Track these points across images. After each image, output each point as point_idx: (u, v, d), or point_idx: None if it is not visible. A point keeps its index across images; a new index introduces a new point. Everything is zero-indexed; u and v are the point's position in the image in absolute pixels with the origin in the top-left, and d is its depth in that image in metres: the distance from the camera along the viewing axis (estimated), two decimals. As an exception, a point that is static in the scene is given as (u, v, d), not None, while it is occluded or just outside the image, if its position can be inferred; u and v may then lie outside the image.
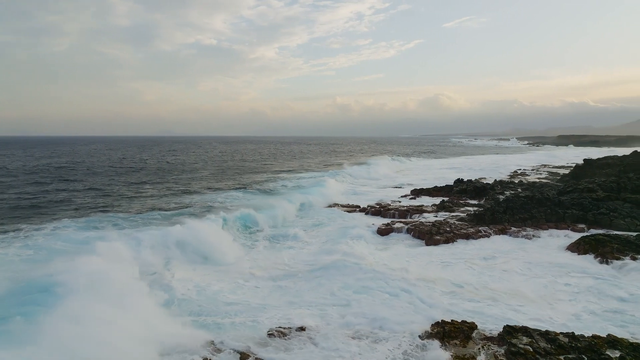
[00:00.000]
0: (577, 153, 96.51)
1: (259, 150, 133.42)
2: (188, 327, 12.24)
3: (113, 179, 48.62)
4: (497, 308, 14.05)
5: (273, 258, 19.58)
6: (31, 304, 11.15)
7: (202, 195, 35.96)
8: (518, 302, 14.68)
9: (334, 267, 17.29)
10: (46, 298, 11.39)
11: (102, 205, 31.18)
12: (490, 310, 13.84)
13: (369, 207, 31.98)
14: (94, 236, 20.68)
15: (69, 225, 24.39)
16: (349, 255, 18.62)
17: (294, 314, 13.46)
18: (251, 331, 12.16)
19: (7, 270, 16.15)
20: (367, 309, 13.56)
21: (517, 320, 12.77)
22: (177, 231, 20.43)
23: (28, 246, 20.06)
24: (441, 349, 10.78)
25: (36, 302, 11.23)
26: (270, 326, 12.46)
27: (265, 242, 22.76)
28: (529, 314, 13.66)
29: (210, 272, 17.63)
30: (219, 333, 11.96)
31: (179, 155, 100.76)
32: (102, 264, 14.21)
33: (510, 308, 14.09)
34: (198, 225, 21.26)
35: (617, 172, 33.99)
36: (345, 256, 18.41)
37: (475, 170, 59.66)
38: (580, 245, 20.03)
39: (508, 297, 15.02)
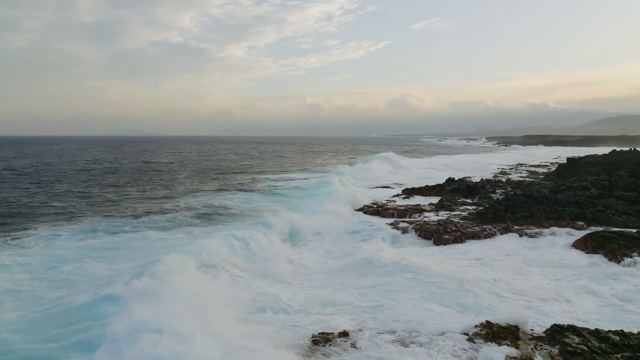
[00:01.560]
0: (548, 152, 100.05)
1: (235, 150, 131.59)
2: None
3: (93, 180, 46.60)
4: (527, 307, 14.08)
5: (297, 259, 19.08)
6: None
7: (198, 198, 34.76)
8: (544, 301, 14.76)
9: (358, 266, 17.00)
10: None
11: (108, 208, 29.74)
12: (524, 308, 13.84)
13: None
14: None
15: (73, 231, 23.18)
16: (371, 254, 18.37)
17: (328, 317, 13.04)
18: (294, 337, 11.67)
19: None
20: (401, 310, 13.30)
21: (551, 320, 12.81)
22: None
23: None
24: (495, 351, 10.63)
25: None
26: (309, 331, 12.02)
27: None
28: (559, 313, 13.73)
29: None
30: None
31: (153, 155, 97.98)
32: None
33: (540, 307, 14.10)
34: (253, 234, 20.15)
35: (601, 171, 35.21)
36: (367, 255, 18.15)
37: (458, 169, 60.62)
38: (587, 242, 20.46)
39: (533, 296, 15.10)
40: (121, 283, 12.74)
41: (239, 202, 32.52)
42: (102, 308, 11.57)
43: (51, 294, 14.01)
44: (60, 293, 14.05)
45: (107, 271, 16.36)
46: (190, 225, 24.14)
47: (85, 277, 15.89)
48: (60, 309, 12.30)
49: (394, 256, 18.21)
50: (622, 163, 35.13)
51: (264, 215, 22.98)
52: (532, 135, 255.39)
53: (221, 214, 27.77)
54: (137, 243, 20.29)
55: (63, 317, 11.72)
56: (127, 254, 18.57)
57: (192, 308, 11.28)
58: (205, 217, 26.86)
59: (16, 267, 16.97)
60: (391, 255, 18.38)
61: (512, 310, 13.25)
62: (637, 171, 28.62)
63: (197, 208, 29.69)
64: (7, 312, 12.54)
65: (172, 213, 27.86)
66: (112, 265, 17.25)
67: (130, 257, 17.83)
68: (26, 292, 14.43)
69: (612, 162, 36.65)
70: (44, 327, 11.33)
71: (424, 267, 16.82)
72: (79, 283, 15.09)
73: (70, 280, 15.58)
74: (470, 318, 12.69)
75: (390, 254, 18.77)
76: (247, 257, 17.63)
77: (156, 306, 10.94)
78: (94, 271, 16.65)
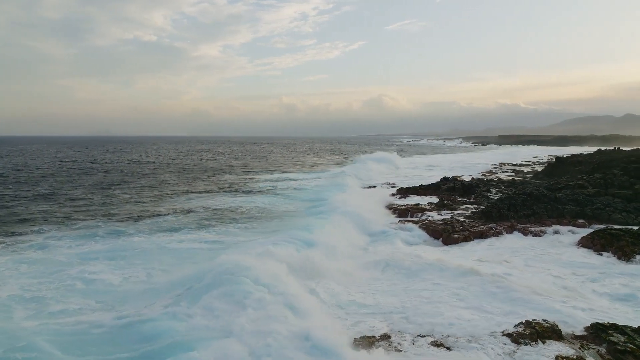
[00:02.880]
0: (527, 152, 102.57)
1: (216, 150, 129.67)
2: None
3: (75, 182, 44.88)
4: (553, 305, 14.11)
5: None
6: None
7: (195, 199, 33.81)
8: (566, 299, 14.85)
9: (381, 266, 16.78)
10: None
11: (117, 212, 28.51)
12: (549, 308, 13.87)
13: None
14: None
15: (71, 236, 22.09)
16: (391, 253, 18.18)
17: (365, 318, 12.80)
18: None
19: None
20: (435, 311, 13.13)
21: (577, 318, 12.86)
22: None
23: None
24: (544, 350, 10.55)
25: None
26: (351, 333, 11.71)
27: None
28: (582, 311, 13.74)
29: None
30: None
31: (132, 155, 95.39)
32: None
33: (564, 305, 14.17)
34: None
35: (591, 169, 36.10)
36: (387, 255, 17.95)
37: (445, 169, 61.24)
38: (595, 240, 20.78)
39: (556, 294, 15.17)
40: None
41: (242, 203, 31.60)
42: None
43: (69, 303, 13.19)
44: (77, 301, 13.26)
45: (120, 277, 15.58)
46: (201, 228, 23.30)
47: (97, 283, 15.10)
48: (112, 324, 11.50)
49: (416, 255, 18.08)
50: (611, 162, 36.11)
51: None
52: (507, 135, 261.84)
53: (231, 216, 26.94)
54: (145, 245, 19.47)
55: (124, 334, 10.92)
56: (137, 258, 17.79)
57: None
58: (214, 218, 26.13)
59: (18, 275, 16.02)
60: (412, 254, 18.24)
61: (547, 309, 13.29)
62: (631, 170, 29.44)
63: (198, 209, 28.88)
64: (25, 320, 11.75)
65: (174, 215, 27.00)
66: (123, 271, 16.47)
67: (144, 261, 17.08)
68: (35, 299, 13.54)
69: (600, 160, 37.67)
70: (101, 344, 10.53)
71: (447, 265, 16.75)
72: (93, 292, 14.32)
73: (81, 287, 14.76)
74: (505, 317, 12.62)
75: (409, 253, 18.62)
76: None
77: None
78: (104, 277, 15.84)
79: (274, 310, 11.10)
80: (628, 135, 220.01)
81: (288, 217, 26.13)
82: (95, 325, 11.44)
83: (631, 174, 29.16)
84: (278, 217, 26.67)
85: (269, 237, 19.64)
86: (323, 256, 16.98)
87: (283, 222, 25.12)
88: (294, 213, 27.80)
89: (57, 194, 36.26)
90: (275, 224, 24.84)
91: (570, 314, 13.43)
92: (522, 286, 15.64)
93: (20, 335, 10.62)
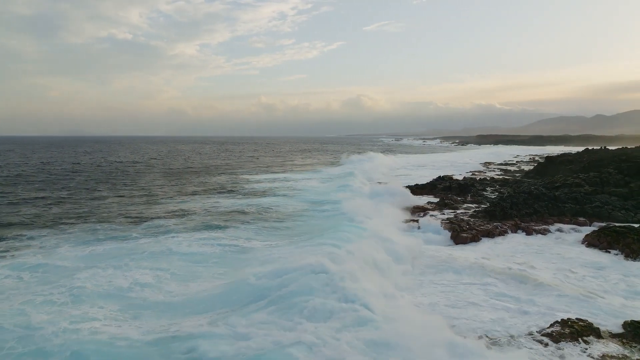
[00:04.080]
0: (510, 151, 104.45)
1: (198, 150, 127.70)
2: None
3: (59, 183, 43.29)
4: (577, 304, 14.18)
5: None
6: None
7: (191, 200, 32.96)
8: (585, 297, 14.95)
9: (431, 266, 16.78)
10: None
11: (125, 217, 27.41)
12: (575, 306, 13.94)
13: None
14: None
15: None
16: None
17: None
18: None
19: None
20: (471, 311, 13.04)
21: (610, 316, 12.94)
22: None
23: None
24: (587, 350, 10.52)
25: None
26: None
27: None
28: (610, 308, 13.87)
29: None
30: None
31: (113, 155, 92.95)
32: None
33: (589, 304, 14.22)
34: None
35: (582, 168, 36.87)
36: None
37: (435, 168, 61.79)
38: (601, 237, 21.09)
39: (574, 292, 15.28)
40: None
41: (243, 204, 30.79)
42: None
43: (87, 311, 12.48)
44: (98, 312, 12.55)
45: (138, 283, 14.86)
46: (209, 230, 22.57)
47: (112, 290, 14.39)
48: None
49: (441, 254, 18.06)
50: (601, 160, 36.97)
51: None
52: (486, 135, 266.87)
53: (238, 218, 26.23)
54: (153, 248, 18.74)
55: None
56: (147, 261, 17.09)
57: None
58: (220, 219, 25.46)
59: (23, 283, 15.16)
60: (438, 254, 18.21)
61: (573, 307, 13.35)
62: (624, 168, 30.15)
63: (199, 211, 28.20)
64: (47, 334, 11.02)
65: (176, 217, 26.22)
66: (128, 272, 15.77)
67: (157, 265, 16.40)
68: (50, 311, 12.78)
69: (590, 159, 38.52)
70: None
71: (473, 264, 16.74)
72: (110, 298, 13.62)
73: (96, 294, 14.02)
74: (540, 316, 12.63)
75: (438, 253, 18.60)
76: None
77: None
78: (117, 280, 15.12)
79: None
80: (600, 135, 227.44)
81: (298, 219, 25.57)
82: (120, 338, 10.79)
83: (625, 173, 29.86)
84: (287, 218, 25.93)
85: (304, 241, 19.22)
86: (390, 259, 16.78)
87: (295, 223, 24.59)
88: (303, 214, 27.23)
89: (42, 197, 34.65)
90: (288, 225, 24.22)
91: (596, 311, 13.54)
92: (545, 285, 15.74)
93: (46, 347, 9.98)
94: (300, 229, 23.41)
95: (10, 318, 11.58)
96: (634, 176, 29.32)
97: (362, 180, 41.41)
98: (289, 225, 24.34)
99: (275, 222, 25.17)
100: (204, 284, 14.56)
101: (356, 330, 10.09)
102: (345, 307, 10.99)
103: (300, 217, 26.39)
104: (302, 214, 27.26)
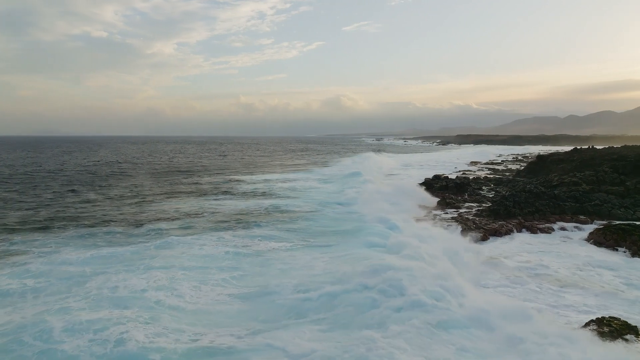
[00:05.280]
0: (493, 151, 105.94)
1: (181, 150, 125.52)
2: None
3: (41, 185, 41.69)
4: (601, 302, 14.21)
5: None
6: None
7: (186, 201, 32.16)
8: (602, 295, 15.04)
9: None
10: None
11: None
12: (601, 304, 13.96)
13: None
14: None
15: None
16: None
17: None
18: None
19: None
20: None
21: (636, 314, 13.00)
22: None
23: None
24: (631, 347, 10.48)
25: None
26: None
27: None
28: (620, 306, 13.93)
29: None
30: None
31: (95, 156, 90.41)
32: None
33: (614, 301, 14.24)
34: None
35: (574, 167, 37.58)
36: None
37: (424, 167, 62.15)
38: (607, 235, 21.34)
39: (596, 290, 15.34)
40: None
41: (243, 205, 30.05)
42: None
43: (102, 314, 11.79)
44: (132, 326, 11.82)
45: (161, 290, 14.12)
46: (219, 231, 21.85)
47: (126, 291, 13.69)
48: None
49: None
50: (591, 159, 37.75)
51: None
52: (465, 135, 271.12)
53: (245, 219, 25.43)
54: (166, 252, 18.02)
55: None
56: (161, 263, 16.42)
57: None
58: (226, 220, 24.81)
59: (31, 291, 14.31)
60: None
61: (609, 306, 13.37)
62: (619, 167, 30.77)
63: (200, 212, 27.38)
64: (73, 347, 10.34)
65: (178, 219, 25.37)
66: (144, 275, 15.05)
67: (174, 268, 15.72)
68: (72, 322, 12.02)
69: (582, 158, 39.27)
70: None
71: (486, 261, 16.71)
72: (127, 298, 12.95)
73: (108, 296, 13.32)
74: (576, 314, 12.60)
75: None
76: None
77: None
78: (132, 285, 14.40)
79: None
80: (575, 135, 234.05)
81: (307, 220, 25.05)
82: (152, 350, 10.16)
83: (620, 171, 30.48)
84: (298, 219, 25.32)
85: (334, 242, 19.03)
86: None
87: (309, 223, 24.04)
88: (311, 215, 26.73)
89: (25, 200, 32.86)
90: (301, 226, 23.57)
91: (626, 309, 13.53)
92: (566, 283, 15.77)
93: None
94: (314, 229, 22.90)
95: (28, 330, 10.84)
96: (628, 174, 29.96)
97: (370, 179, 41.25)
98: (301, 226, 23.61)
99: (289, 222, 24.39)
100: (228, 290, 13.98)
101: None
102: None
103: (313, 217, 25.85)
104: (314, 215, 26.62)
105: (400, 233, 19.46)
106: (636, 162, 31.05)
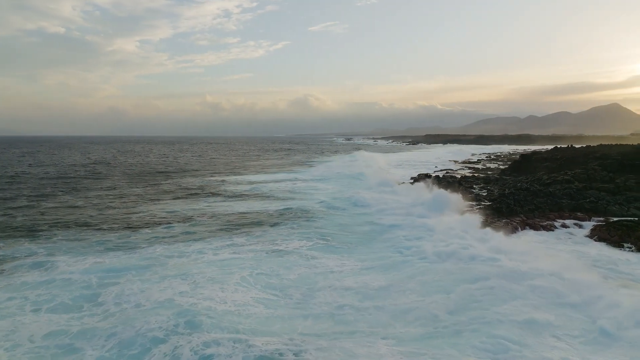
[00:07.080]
0: (467, 150, 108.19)
1: (151, 150, 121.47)
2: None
3: (11, 189, 39.04)
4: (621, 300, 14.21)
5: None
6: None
7: (173, 205, 30.68)
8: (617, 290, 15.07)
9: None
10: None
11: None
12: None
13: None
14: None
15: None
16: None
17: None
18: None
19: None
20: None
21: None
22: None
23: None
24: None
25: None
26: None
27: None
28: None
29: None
30: None
31: (58, 157, 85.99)
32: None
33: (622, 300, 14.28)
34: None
35: (558, 166, 38.53)
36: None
37: (404, 167, 62.35)
38: (611, 231, 21.72)
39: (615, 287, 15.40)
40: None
41: (243, 206, 29.09)
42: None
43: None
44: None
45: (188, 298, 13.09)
46: (227, 235, 20.86)
47: (145, 302, 12.63)
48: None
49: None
50: (574, 158, 38.88)
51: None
52: (434, 134, 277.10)
53: (251, 220, 24.67)
54: (174, 261, 16.86)
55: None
56: (172, 271, 15.34)
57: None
58: (229, 224, 23.74)
59: (34, 304, 12.99)
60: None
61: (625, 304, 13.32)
62: (607, 165, 31.67)
63: (201, 214, 26.18)
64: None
65: (179, 222, 24.08)
66: (163, 283, 14.02)
67: (196, 277, 14.67)
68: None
69: (565, 157, 40.35)
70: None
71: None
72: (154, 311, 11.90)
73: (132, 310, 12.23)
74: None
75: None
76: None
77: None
78: (151, 293, 13.31)
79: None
80: (537, 134, 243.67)
81: (315, 220, 24.33)
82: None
83: (608, 169, 31.37)
84: (309, 220, 24.62)
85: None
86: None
87: (324, 222, 23.35)
88: (320, 216, 25.98)
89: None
90: (321, 225, 22.91)
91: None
92: (589, 281, 15.76)
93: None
94: (329, 228, 22.30)
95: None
96: (616, 172, 30.87)
97: (375, 178, 40.99)
98: (329, 230, 22.72)
99: (297, 221, 23.78)
100: (264, 294, 13.16)
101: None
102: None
103: (326, 217, 25.17)
104: (326, 215, 26.00)
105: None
106: (622, 161, 32.09)
